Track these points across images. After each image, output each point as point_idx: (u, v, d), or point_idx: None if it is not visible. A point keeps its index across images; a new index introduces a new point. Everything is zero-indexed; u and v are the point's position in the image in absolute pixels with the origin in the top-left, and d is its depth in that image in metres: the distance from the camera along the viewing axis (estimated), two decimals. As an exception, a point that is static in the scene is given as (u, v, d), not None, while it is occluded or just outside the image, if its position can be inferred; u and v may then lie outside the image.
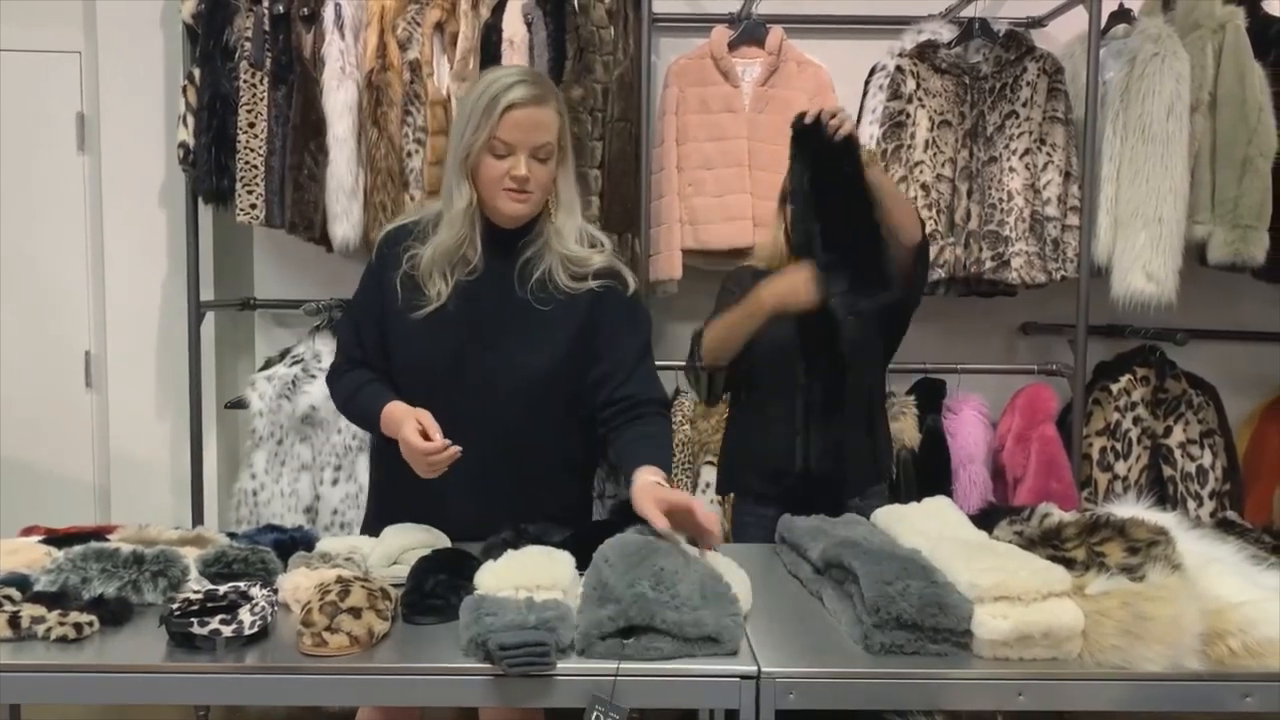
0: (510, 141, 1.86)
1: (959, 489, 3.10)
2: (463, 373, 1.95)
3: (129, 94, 3.37)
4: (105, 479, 3.55)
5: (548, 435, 2.00)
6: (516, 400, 1.96)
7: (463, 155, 1.89)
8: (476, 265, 1.95)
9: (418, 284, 1.95)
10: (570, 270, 1.95)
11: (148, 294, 3.43)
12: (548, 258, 1.95)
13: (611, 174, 3.06)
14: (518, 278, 1.95)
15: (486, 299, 1.96)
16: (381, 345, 2.02)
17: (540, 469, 2.00)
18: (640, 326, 2.05)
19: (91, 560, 1.66)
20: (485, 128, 1.85)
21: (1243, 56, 3.00)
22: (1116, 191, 3.03)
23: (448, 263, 1.94)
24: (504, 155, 1.87)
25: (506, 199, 1.90)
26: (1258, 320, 3.47)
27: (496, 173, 1.88)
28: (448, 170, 1.95)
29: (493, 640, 1.40)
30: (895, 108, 3.08)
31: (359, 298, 2.08)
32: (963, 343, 3.39)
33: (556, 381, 1.96)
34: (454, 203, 1.92)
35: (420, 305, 1.94)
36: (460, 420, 1.87)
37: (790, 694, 1.43)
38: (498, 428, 1.95)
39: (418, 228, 1.99)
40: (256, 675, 1.45)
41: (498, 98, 1.84)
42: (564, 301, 1.95)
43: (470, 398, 1.94)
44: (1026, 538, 1.72)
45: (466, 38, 3.05)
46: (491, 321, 1.95)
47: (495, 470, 1.95)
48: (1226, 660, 1.46)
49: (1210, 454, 3.22)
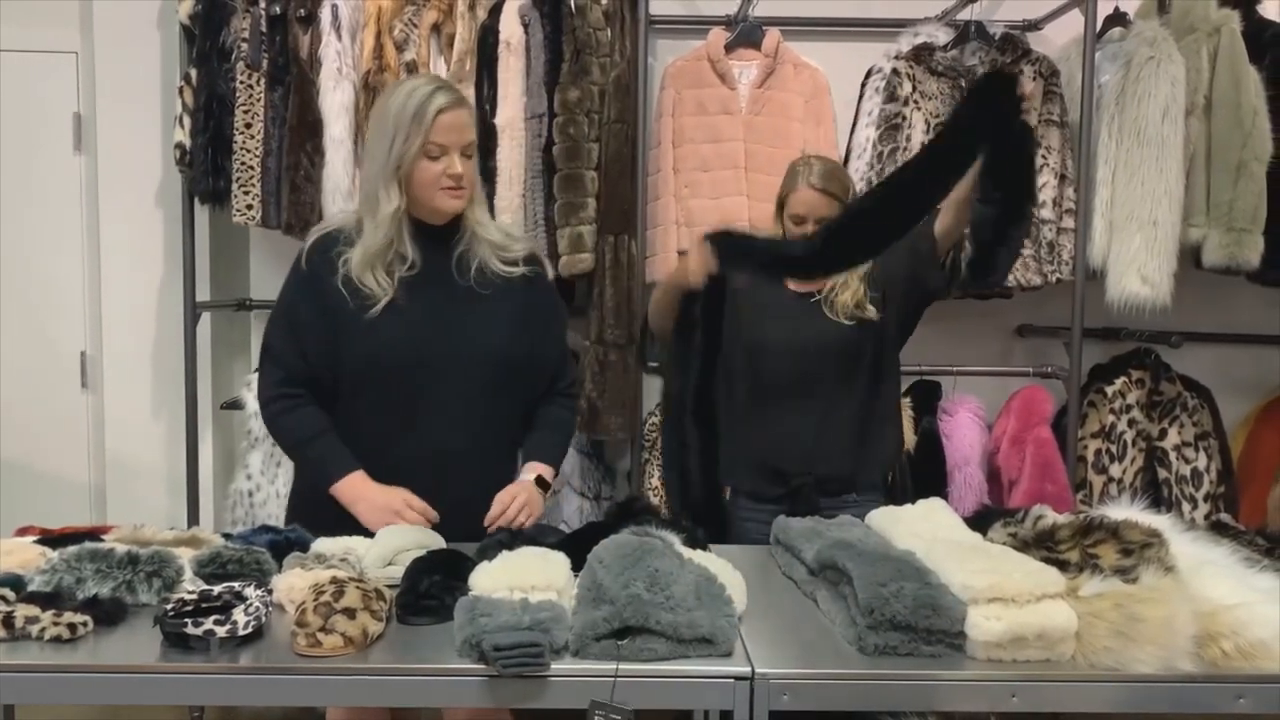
0: (444, 143, 1.99)
1: (954, 491, 3.10)
2: (425, 360, 2.03)
3: (126, 94, 3.36)
4: (101, 479, 3.54)
5: (502, 415, 2.13)
6: (477, 380, 2.06)
7: (394, 164, 1.99)
8: (415, 262, 2.04)
9: (357, 286, 2.01)
10: (500, 256, 2.10)
11: (144, 294, 3.42)
12: (478, 247, 2.09)
13: (608, 176, 3.06)
14: (456, 269, 2.07)
15: (433, 290, 2.05)
16: (326, 352, 2.04)
17: (494, 450, 2.14)
18: (563, 313, 2.28)
19: (86, 560, 1.65)
20: (419, 134, 1.97)
21: (1238, 60, 3.00)
22: (1112, 194, 3.04)
23: (380, 263, 2.02)
24: (438, 156, 2.00)
25: (445, 196, 2.02)
26: (1252, 323, 3.47)
27: (432, 174, 2.00)
28: (369, 178, 2.04)
29: (487, 641, 1.40)
30: (891, 110, 3.09)
31: (293, 308, 2.07)
32: (958, 345, 3.39)
33: (511, 360, 2.09)
34: (381, 207, 2.00)
35: (369, 304, 2.00)
36: (423, 406, 2.02)
37: (784, 695, 1.43)
38: (458, 410, 2.05)
39: (342, 234, 2.07)
40: (250, 676, 1.45)
41: (425, 105, 1.97)
42: (502, 286, 2.09)
43: (433, 383, 2.03)
44: (1020, 540, 1.73)
45: (463, 39, 3.05)
46: (443, 310, 2.05)
47: (454, 455, 2.06)
48: (1219, 662, 1.46)
49: (1205, 457, 3.23)
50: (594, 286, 3.10)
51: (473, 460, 2.09)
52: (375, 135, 2.04)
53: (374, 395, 2.04)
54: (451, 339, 2.05)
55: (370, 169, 2.04)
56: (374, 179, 2.02)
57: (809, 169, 2.39)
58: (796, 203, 2.38)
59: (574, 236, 3.04)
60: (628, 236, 3.09)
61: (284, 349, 2.07)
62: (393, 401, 2.04)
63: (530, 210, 3.08)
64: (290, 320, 2.07)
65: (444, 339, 2.04)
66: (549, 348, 2.18)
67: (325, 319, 2.03)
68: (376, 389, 2.04)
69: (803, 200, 2.37)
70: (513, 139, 3.06)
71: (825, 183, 2.36)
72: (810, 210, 2.36)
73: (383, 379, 2.03)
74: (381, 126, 2.02)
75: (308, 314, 2.05)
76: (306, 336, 2.05)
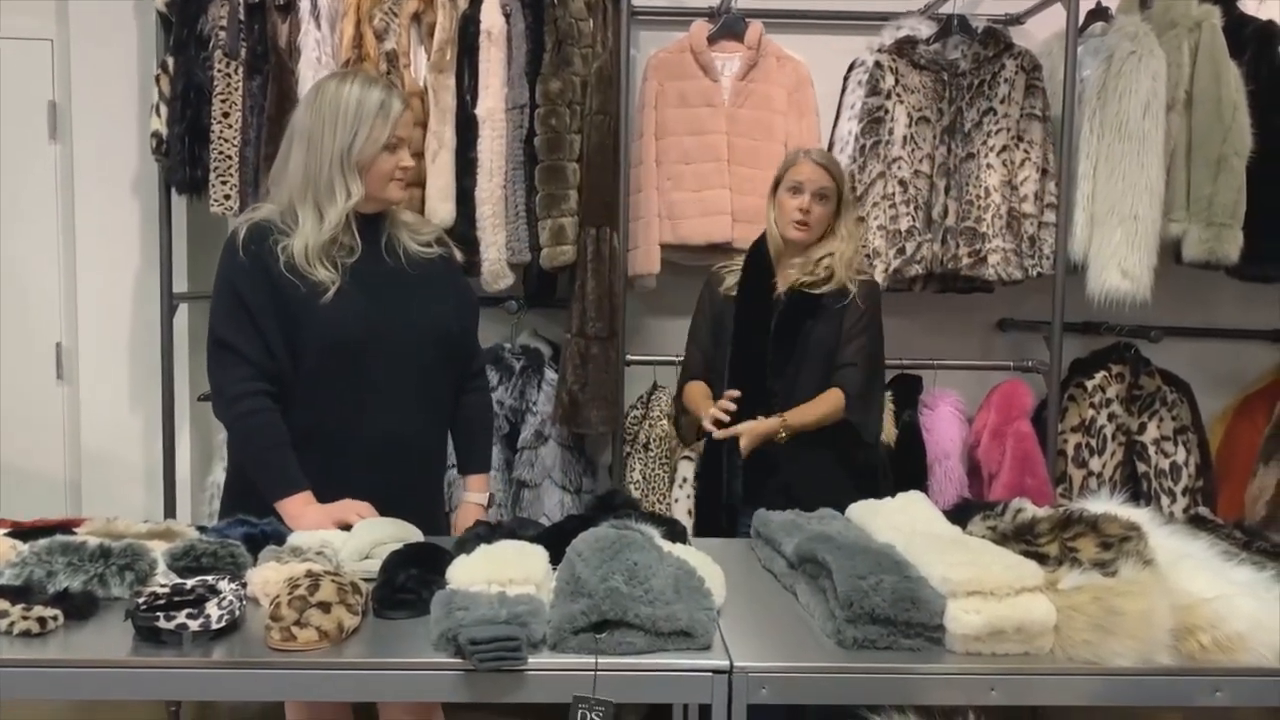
0: (404, 136, 2.11)
1: (934, 484, 3.11)
2: (379, 339, 2.08)
3: (102, 83, 3.32)
4: (76, 472, 3.51)
5: (442, 397, 2.23)
6: (423, 359, 2.14)
7: (355, 157, 2.05)
8: (354, 248, 2.10)
9: (300, 273, 2.03)
10: (415, 237, 2.20)
11: (120, 285, 3.39)
12: (397, 231, 2.18)
13: (590, 167, 3.04)
14: (386, 252, 2.15)
15: (372, 273, 2.11)
16: (285, 341, 2.05)
17: (437, 431, 2.25)
18: (475, 296, 2.41)
19: (57, 554, 1.64)
20: (385, 127, 2.06)
21: (1218, 55, 3.01)
22: (1093, 189, 3.05)
23: (326, 253, 2.06)
24: (395, 149, 2.10)
25: (396, 187, 2.13)
26: (1231, 318, 3.49)
27: (390, 165, 2.10)
28: (319, 169, 2.05)
29: (464, 635, 1.39)
30: (874, 103, 3.08)
31: (246, 300, 2.04)
32: (939, 339, 3.39)
33: (450, 335, 2.20)
34: (339, 198, 2.05)
35: (321, 291, 2.03)
36: (374, 389, 2.08)
37: (763, 689, 1.42)
38: (407, 391, 2.12)
39: (272, 224, 2.08)
40: (223, 670, 1.44)
41: (387, 101, 2.07)
42: (425, 265, 2.18)
43: (384, 364, 2.09)
44: (1000, 533, 1.73)
45: (444, 29, 3.02)
46: (386, 291, 2.11)
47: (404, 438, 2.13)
48: (1197, 655, 1.47)
49: (1184, 450, 3.24)
50: (575, 279, 3.08)
51: (419, 442, 2.18)
52: (326, 128, 2.05)
53: (328, 381, 2.06)
54: (400, 317, 2.11)
55: (320, 160, 2.05)
56: (329, 169, 2.05)
57: (806, 149, 2.61)
58: (796, 171, 2.51)
59: (556, 228, 3.02)
60: (610, 229, 3.07)
61: (244, 343, 2.04)
62: (346, 386, 2.07)
63: (511, 202, 3.06)
64: (245, 312, 2.05)
65: (393, 318, 2.10)
66: (471, 323, 2.32)
67: (278, 307, 2.03)
68: (331, 374, 2.06)
69: (802, 169, 2.50)
70: (494, 130, 3.04)
71: (823, 159, 2.54)
72: (809, 179, 2.49)
73: (338, 363, 2.06)
74: (335, 120, 2.04)
75: (261, 304, 2.04)
76: (266, 327, 2.04)
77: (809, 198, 2.48)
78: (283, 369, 2.06)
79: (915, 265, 3.06)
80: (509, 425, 3.20)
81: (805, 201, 2.48)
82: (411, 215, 2.30)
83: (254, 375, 2.05)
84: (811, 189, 2.48)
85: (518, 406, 3.19)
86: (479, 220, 3.05)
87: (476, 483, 2.32)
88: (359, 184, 2.05)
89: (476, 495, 2.31)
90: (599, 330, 3.06)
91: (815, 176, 2.49)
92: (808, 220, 2.49)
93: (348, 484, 2.05)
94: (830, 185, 2.50)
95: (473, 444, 2.34)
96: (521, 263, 3.11)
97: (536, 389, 3.20)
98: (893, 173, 3.06)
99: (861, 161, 3.06)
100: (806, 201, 2.48)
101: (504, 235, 3.06)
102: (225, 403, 2.09)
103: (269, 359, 2.05)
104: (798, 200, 2.49)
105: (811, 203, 2.48)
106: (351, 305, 2.05)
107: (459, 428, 2.30)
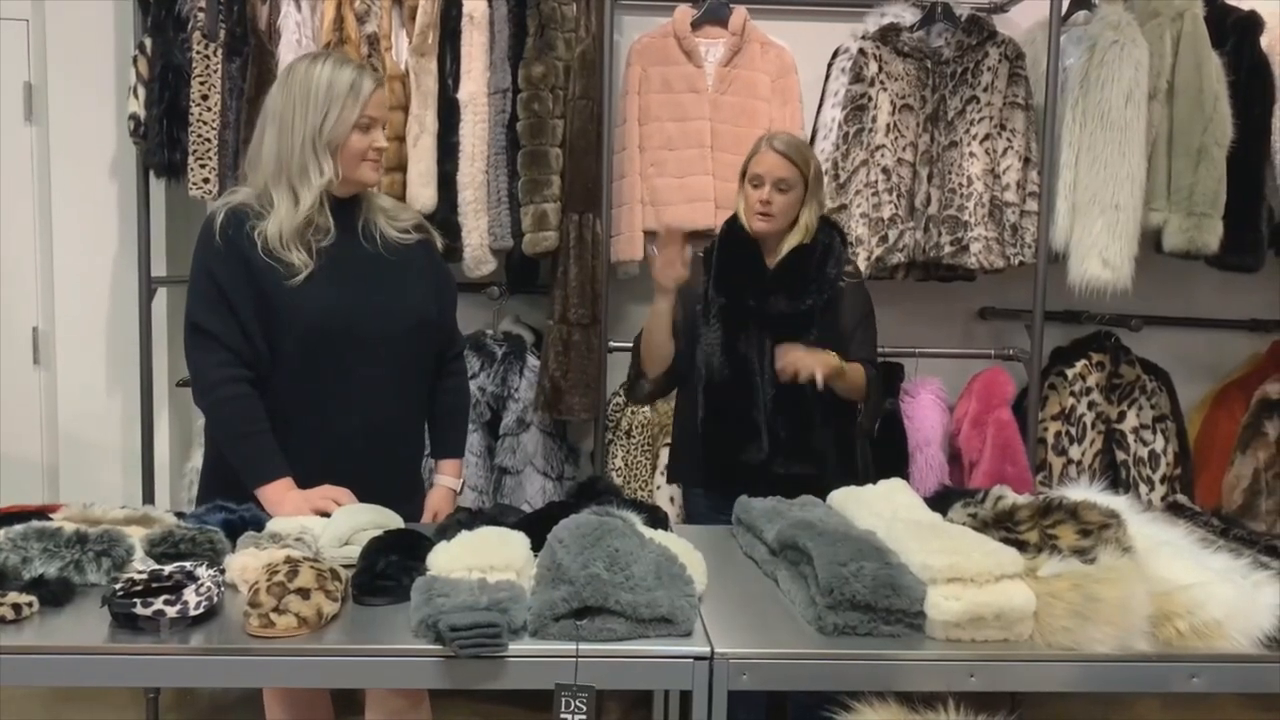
0: (376, 117, 2.09)
1: (916, 472, 3.12)
2: (357, 322, 2.08)
3: (78, 64, 3.28)
4: (54, 458, 3.48)
5: (419, 381, 2.22)
6: (401, 342, 2.13)
7: (327, 137, 2.04)
8: (329, 230, 2.08)
9: (277, 257, 2.02)
10: (393, 223, 2.18)
11: (98, 269, 3.35)
12: (374, 216, 2.17)
13: (573, 153, 3.03)
14: (363, 236, 2.14)
15: (350, 259, 2.10)
16: (263, 325, 2.04)
17: (417, 416, 2.25)
18: (454, 280, 2.37)
19: (33, 540, 1.62)
20: (355, 107, 2.04)
21: (1200, 45, 3.02)
22: (1075, 178, 3.05)
23: (301, 236, 2.05)
24: (368, 129, 2.08)
25: (369, 168, 2.11)
26: (1211, 307, 3.52)
27: (363, 145, 2.07)
28: (292, 150, 2.04)
29: (444, 621, 1.38)
30: (857, 91, 3.08)
31: (222, 285, 2.03)
32: (921, 327, 3.40)
33: (428, 319, 2.19)
34: (312, 179, 2.04)
35: (295, 274, 2.02)
36: (353, 373, 2.07)
37: (743, 675, 1.43)
38: (385, 375, 2.11)
39: (250, 208, 2.07)
40: (201, 657, 1.43)
41: (359, 80, 2.06)
42: (404, 251, 2.17)
43: (363, 347, 2.08)
44: (980, 520, 1.73)
45: (425, 12, 2.99)
46: (364, 274, 2.11)
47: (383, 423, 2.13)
48: (1174, 641, 1.48)
49: (1162, 439, 3.27)
50: (558, 265, 3.07)
51: (397, 428, 2.17)
52: (297, 109, 2.04)
53: (305, 366, 2.05)
54: (378, 300, 2.10)
55: (291, 141, 2.04)
56: (301, 151, 2.03)
57: (773, 136, 2.47)
58: (756, 163, 2.44)
59: (538, 214, 3.01)
60: (592, 215, 3.06)
61: (222, 328, 2.03)
62: (323, 371, 2.06)
63: (493, 187, 3.05)
64: (222, 298, 2.03)
65: (371, 301, 2.09)
66: (449, 308, 2.30)
67: (255, 291, 2.02)
68: (307, 359, 2.05)
69: (762, 161, 2.43)
70: (476, 114, 3.02)
71: (786, 148, 2.43)
72: (768, 171, 2.41)
73: (315, 348, 2.05)
74: (307, 101, 2.03)
75: (238, 290, 2.03)
76: (243, 312, 2.03)
77: (769, 189, 2.41)
78: (260, 354, 2.05)
79: (898, 253, 3.06)
80: (491, 412, 3.19)
81: (765, 193, 2.42)
82: (389, 201, 2.29)
83: (232, 360, 2.03)
84: (771, 180, 2.41)
85: (499, 393, 3.18)
86: (461, 205, 3.03)
87: (450, 467, 2.32)
88: (331, 164, 2.04)
89: (449, 479, 2.31)
90: (581, 317, 3.06)
91: (774, 167, 2.41)
92: (769, 211, 2.42)
93: (326, 469, 2.04)
94: (792, 174, 2.41)
95: (448, 429, 2.34)
96: (503, 248, 3.09)
97: (518, 375, 3.19)
98: (876, 160, 3.06)
99: (845, 149, 3.05)
100: (766, 193, 2.41)
101: (486, 221, 3.05)
102: (203, 388, 2.08)
103: (246, 344, 2.04)
104: (758, 192, 2.43)
105: (772, 193, 2.41)
106: (327, 290, 2.04)
107: (435, 412, 2.30)
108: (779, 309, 2.43)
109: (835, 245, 2.49)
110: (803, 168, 2.43)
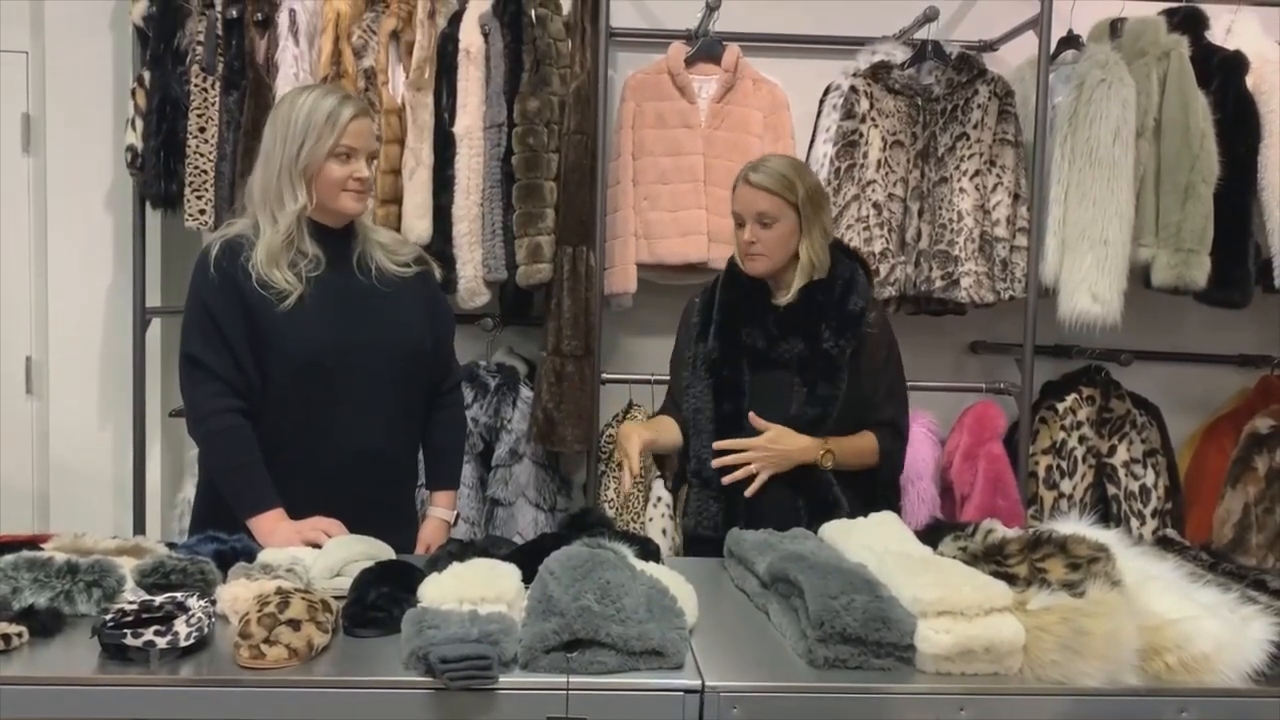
0: (355, 147, 2.09)
1: (908, 505, 3.12)
2: (346, 351, 2.09)
3: (76, 96, 3.31)
4: (45, 487, 3.46)
5: (411, 411, 2.22)
6: (392, 373, 2.14)
7: (302, 165, 2.05)
8: (319, 259, 2.09)
9: (269, 287, 2.04)
10: (391, 257, 2.19)
11: (92, 299, 3.36)
12: (371, 249, 2.18)
13: (567, 186, 3.05)
14: (358, 268, 2.15)
15: (341, 287, 2.12)
16: (254, 355, 2.05)
17: (407, 446, 2.25)
18: (452, 312, 2.40)
19: (23, 569, 1.61)
20: (331, 136, 2.05)
21: (1186, 84, 3.06)
22: (1064, 214, 3.08)
23: (283, 258, 2.06)
24: (347, 159, 2.08)
25: (349, 198, 2.10)
26: (1199, 342, 3.54)
27: (340, 175, 2.08)
28: (270, 178, 2.08)
29: (434, 653, 1.38)
30: (849, 127, 3.11)
31: (216, 316, 2.05)
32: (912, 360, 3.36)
33: (421, 351, 2.20)
34: (286, 205, 2.06)
35: (283, 299, 2.04)
36: (342, 403, 2.08)
37: (734, 709, 1.42)
38: (375, 405, 2.12)
39: (245, 240, 2.09)
40: (191, 688, 1.42)
41: (337, 111, 2.06)
42: (400, 284, 2.17)
43: (352, 377, 2.09)
44: (970, 553, 1.74)
45: (422, 47, 3.03)
46: (356, 304, 2.12)
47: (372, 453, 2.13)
48: (1163, 676, 1.48)
49: (1153, 473, 3.28)
50: (551, 297, 3.09)
51: (390, 458, 2.18)
52: (277, 139, 2.08)
53: (298, 396, 2.06)
54: (368, 330, 2.11)
55: (269, 170, 2.08)
56: (277, 178, 2.07)
57: (752, 166, 2.27)
58: (734, 200, 2.28)
59: (532, 246, 3.03)
60: (586, 248, 3.08)
61: (216, 360, 2.05)
62: (316, 401, 2.07)
63: (488, 219, 3.07)
64: (216, 329, 2.05)
65: (361, 331, 2.10)
66: (446, 340, 2.31)
67: (248, 323, 2.04)
68: (300, 389, 2.06)
69: (739, 198, 2.27)
70: (471, 148, 3.05)
71: (762, 179, 2.22)
72: (745, 208, 2.24)
73: (307, 378, 2.06)
74: (287, 130, 2.07)
75: (232, 321, 2.04)
76: (236, 344, 2.05)
77: (751, 226, 2.24)
78: (253, 385, 2.06)
79: (889, 287, 3.09)
80: (483, 443, 3.19)
81: (748, 232, 2.24)
82: (388, 235, 2.30)
83: (225, 391, 2.04)
84: (751, 216, 2.23)
85: (492, 424, 3.19)
86: (455, 238, 3.05)
87: (443, 499, 2.33)
88: (305, 192, 2.06)
89: (443, 511, 2.31)
90: (574, 348, 3.07)
91: (752, 201, 2.22)
92: (756, 251, 2.24)
93: (318, 499, 2.04)
94: (774, 205, 2.21)
95: (442, 460, 2.35)
96: (498, 280, 3.11)
97: (511, 407, 3.20)
98: (867, 195, 3.09)
99: (836, 184, 3.08)
100: (749, 231, 2.24)
101: (480, 253, 3.07)
102: (197, 419, 2.09)
103: (240, 375, 2.05)
104: (741, 232, 2.26)
105: (755, 230, 2.23)
106: (319, 320, 2.06)
107: (430, 443, 2.31)
108: (796, 352, 2.23)
109: (858, 278, 2.30)
110: (786, 194, 2.21)
